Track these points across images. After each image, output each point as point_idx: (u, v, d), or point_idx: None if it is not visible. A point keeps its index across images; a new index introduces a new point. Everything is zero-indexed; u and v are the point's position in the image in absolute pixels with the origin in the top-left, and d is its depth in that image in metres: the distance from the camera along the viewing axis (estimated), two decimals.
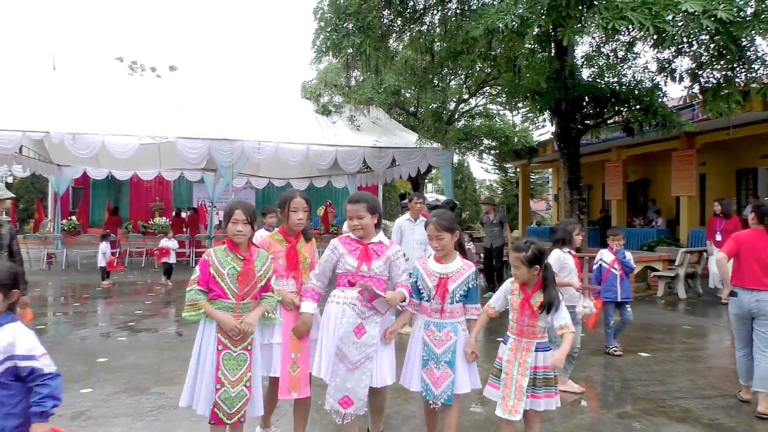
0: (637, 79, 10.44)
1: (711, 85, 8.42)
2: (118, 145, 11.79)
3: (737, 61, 7.89)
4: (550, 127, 14.47)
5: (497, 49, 10.07)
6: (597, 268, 6.00)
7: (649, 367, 5.55)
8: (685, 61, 8.86)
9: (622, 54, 10.31)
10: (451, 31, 9.98)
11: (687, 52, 8.45)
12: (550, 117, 11.71)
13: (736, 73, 8.17)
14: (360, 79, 15.06)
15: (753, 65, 8.00)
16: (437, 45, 11.16)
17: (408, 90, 16.65)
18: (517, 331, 3.18)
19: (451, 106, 17.66)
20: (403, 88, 16.15)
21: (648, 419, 4.15)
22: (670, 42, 6.35)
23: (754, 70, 8.11)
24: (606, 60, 10.60)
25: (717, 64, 8.14)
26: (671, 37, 6.22)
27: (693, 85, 8.73)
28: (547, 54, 9.75)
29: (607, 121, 11.14)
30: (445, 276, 3.19)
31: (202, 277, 3.05)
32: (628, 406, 4.44)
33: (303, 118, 15.31)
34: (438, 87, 14.72)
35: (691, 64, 8.56)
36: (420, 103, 17.67)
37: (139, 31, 61.21)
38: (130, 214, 21.03)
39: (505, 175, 33.01)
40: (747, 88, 8.32)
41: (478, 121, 18.60)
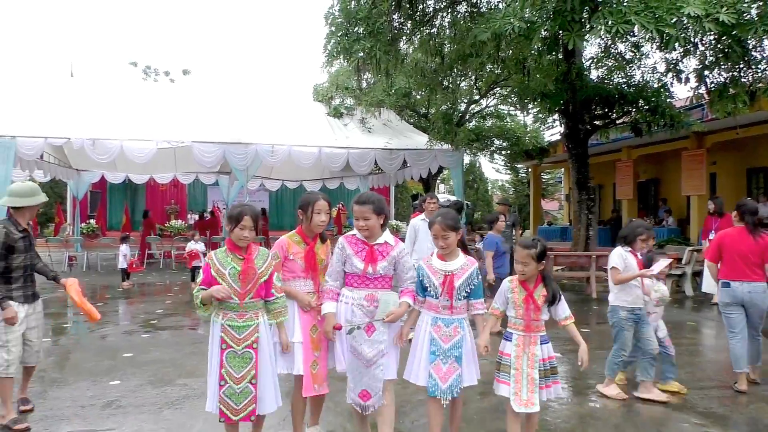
0: (645, 79, 10.54)
1: (717, 85, 8.51)
2: (136, 150, 12.07)
3: (743, 62, 7.97)
4: (560, 127, 14.58)
5: (507, 51, 10.15)
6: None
7: None
8: (692, 62, 8.96)
9: (630, 55, 10.42)
10: (461, 33, 10.12)
11: (693, 53, 8.54)
12: (560, 118, 11.83)
13: (742, 74, 8.26)
14: (371, 82, 15.21)
15: (759, 66, 8.09)
16: (447, 47, 11.30)
17: (418, 92, 16.78)
18: (524, 326, 3.31)
19: (462, 108, 17.76)
20: (414, 90, 16.31)
21: (646, 407, 4.33)
22: (675, 43, 6.44)
23: (761, 71, 8.20)
24: (614, 61, 10.71)
25: (723, 64, 8.22)
26: (676, 39, 6.32)
27: (699, 86, 8.82)
28: (555, 57, 9.88)
29: (616, 122, 11.24)
30: (450, 273, 3.30)
31: (205, 278, 3.16)
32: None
33: (315, 121, 15.47)
34: (448, 89, 14.82)
35: (697, 65, 8.65)
36: (431, 105, 17.79)
37: (153, 36, 62.06)
38: None
39: (517, 176, 33.06)
40: (754, 88, 8.40)
41: (490, 122, 18.66)
